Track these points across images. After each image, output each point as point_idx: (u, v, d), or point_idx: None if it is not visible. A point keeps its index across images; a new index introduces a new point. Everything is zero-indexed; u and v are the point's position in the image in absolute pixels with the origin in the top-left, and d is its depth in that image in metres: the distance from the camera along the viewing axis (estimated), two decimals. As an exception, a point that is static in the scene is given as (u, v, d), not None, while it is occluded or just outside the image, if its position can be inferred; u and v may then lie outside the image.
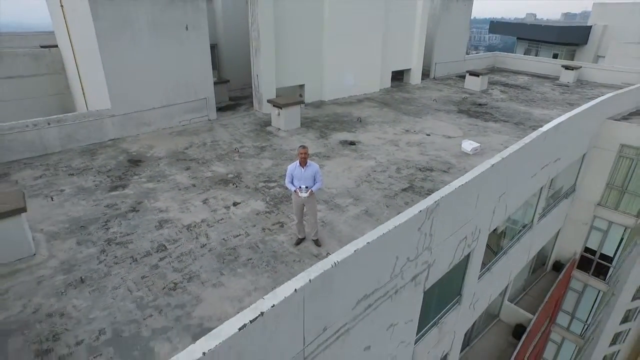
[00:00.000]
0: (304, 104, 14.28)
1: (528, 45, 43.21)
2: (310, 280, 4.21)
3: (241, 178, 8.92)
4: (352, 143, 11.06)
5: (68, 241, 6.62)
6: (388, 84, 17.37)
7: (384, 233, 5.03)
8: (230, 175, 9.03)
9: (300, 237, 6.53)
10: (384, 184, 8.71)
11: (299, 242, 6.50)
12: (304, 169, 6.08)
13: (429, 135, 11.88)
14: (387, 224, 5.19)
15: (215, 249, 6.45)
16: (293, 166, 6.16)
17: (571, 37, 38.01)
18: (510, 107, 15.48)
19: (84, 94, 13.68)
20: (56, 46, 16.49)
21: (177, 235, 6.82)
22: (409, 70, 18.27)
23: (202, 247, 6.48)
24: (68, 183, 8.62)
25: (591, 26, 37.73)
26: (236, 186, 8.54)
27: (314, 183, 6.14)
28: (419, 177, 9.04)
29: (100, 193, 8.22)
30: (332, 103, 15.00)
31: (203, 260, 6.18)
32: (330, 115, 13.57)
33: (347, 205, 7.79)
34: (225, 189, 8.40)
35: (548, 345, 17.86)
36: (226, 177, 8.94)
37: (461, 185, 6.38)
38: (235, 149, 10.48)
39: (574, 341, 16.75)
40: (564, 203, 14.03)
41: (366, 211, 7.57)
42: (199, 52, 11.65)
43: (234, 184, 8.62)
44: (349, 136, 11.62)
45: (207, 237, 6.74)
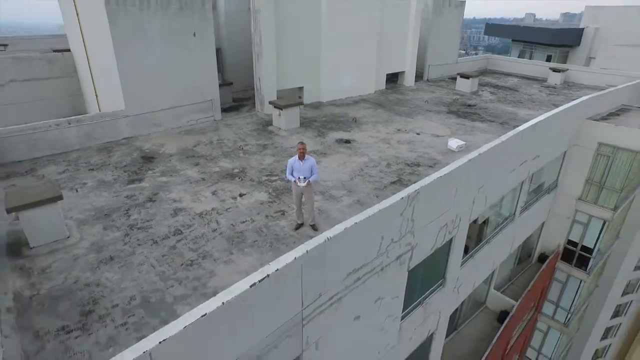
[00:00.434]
0: (303, 105, 15.20)
1: (523, 47, 44.10)
2: (307, 251, 5.13)
3: (246, 172, 9.85)
4: (347, 141, 11.99)
5: (95, 226, 7.54)
6: (383, 85, 18.30)
7: (369, 215, 5.97)
8: (236, 170, 9.96)
9: (299, 223, 7.46)
10: (375, 177, 9.65)
11: (298, 227, 7.43)
12: (302, 162, 7.02)
13: (419, 134, 12.81)
14: (373, 208, 6.13)
15: (225, 232, 7.38)
16: (293, 160, 7.10)
17: (564, 39, 38.94)
18: (498, 108, 16.41)
19: (96, 96, 14.59)
20: (68, 50, 17.42)
21: (191, 221, 7.74)
22: (403, 72, 19.20)
23: (213, 232, 7.41)
24: (89, 177, 9.54)
25: (583, 28, 38.61)
26: (241, 180, 9.47)
27: (311, 174, 7.07)
28: (407, 172, 9.97)
29: (119, 186, 9.15)
30: (330, 104, 15.93)
31: (215, 242, 7.11)
32: (328, 116, 14.50)
33: (341, 196, 8.72)
34: (232, 182, 9.33)
35: (535, 333, 18.78)
36: (232, 172, 9.87)
37: (440, 177, 7.31)
38: (239, 147, 11.40)
39: (558, 329, 17.68)
40: (547, 198, 14.96)
41: (358, 201, 8.50)
42: (205, 58, 12.58)
43: (239, 178, 9.54)
44: (345, 135, 12.55)
45: (218, 223, 7.67)
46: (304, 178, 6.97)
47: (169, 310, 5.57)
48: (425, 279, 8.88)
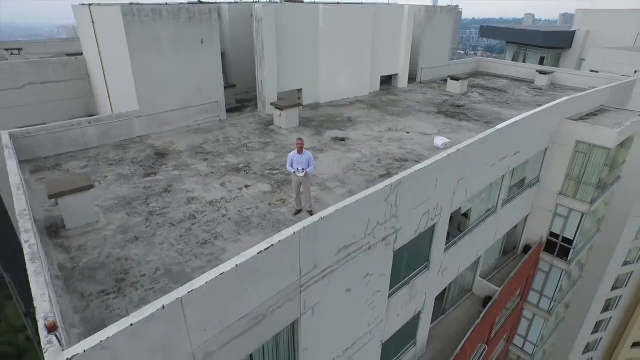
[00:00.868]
0: (302, 105, 16.27)
1: (517, 48, 45.20)
2: (304, 227, 6.22)
3: (250, 167, 10.93)
4: (342, 139, 13.08)
5: (119, 213, 8.62)
6: (377, 87, 19.38)
7: (357, 200, 7.05)
8: (241, 165, 11.04)
9: (297, 209, 8.54)
10: (366, 171, 10.73)
11: (296, 212, 8.51)
12: (300, 155, 8.10)
13: (408, 132, 13.90)
14: (360, 193, 7.21)
15: (233, 217, 8.46)
16: (292, 153, 8.18)
17: (556, 41, 40.07)
18: (485, 108, 17.50)
19: (109, 97, 15.65)
20: (80, 53, 18.51)
21: (203, 208, 8.82)
22: (396, 74, 20.28)
23: (223, 217, 8.49)
24: (109, 171, 10.62)
25: (575, 31, 39.69)
26: (246, 173, 10.55)
27: (308, 166, 8.16)
28: (395, 166, 11.06)
29: (137, 178, 10.22)
30: (327, 105, 17.01)
31: (224, 225, 8.19)
32: (325, 116, 15.58)
33: (335, 187, 9.81)
34: (238, 175, 10.41)
35: (522, 321, 19.85)
36: (238, 166, 10.95)
37: (419, 169, 8.40)
38: (243, 144, 12.48)
39: (542, 316, 18.75)
40: (530, 192, 16.04)
41: (350, 191, 9.57)
42: (211, 62, 13.66)
43: (244, 171, 10.63)
44: (340, 133, 13.63)
45: (226, 210, 8.75)
46: (302, 169, 8.06)
47: (188, 278, 6.61)
48: (410, 260, 9.96)
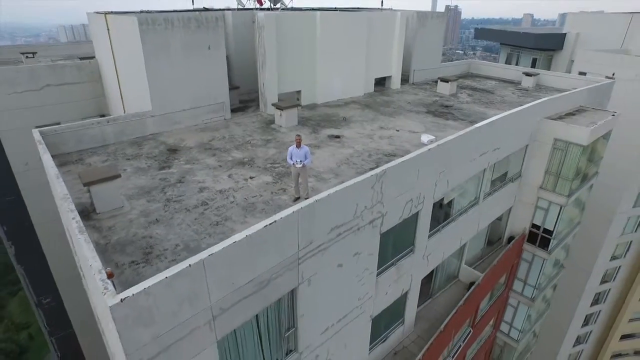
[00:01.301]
0: (301, 106, 17.51)
1: (510, 50, 46.47)
2: (301, 208, 7.48)
3: (254, 161, 12.18)
4: (337, 137, 14.33)
5: (140, 200, 9.87)
6: (371, 88, 20.63)
7: (347, 186, 8.31)
8: (246, 159, 12.29)
9: (296, 196, 9.79)
10: (357, 165, 11.98)
11: (295, 200, 9.76)
12: (299, 149, 9.35)
13: (398, 131, 15.15)
14: (350, 181, 8.47)
15: (240, 204, 9.71)
16: (292, 148, 9.44)
17: (547, 44, 41.29)
18: (471, 109, 18.75)
19: (122, 98, 16.89)
20: (91, 57, 19.77)
21: (213, 196, 10.07)
22: (389, 77, 21.52)
23: (231, 203, 9.74)
24: (127, 165, 11.86)
25: (566, 33, 40.91)
26: (251, 166, 11.80)
27: (305, 159, 9.40)
28: (384, 160, 12.30)
29: (153, 171, 11.47)
30: (324, 105, 18.25)
31: (233, 210, 9.44)
32: (322, 115, 16.83)
33: (330, 178, 11.05)
34: (243, 168, 11.66)
35: (508, 309, 21.11)
36: (243, 161, 12.20)
37: (403, 161, 9.66)
38: (247, 141, 13.73)
39: (526, 304, 20.00)
40: (512, 186, 17.30)
41: (342, 182, 10.78)
42: (217, 67, 14.89)
43: (249, 165, 11.88)
44: (335, 131, 14.89)
45: (234, 197, 10.00)
46: (300, 161, 9.31)
47: (204, 252, 7.88)
48: (396, 243, 11.22)
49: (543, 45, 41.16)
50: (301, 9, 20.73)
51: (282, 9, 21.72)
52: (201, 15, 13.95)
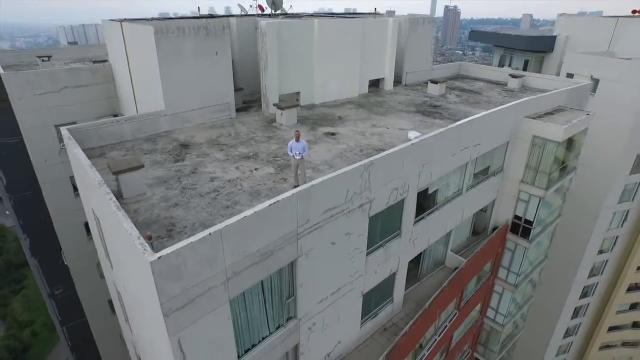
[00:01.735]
0: (300, 106, 18.95)
1: (504, 52, 47.94)
2: (300, 191, 8.94)
3: (258, 155, 13.64)
4: (333, 134, 15.79)
5: (160, 188, 11.33)
6: (366, 90, 22.09)
7: (338, 174, 9.78)
8: (250, 154, 13.75)
9: (295, 185, 11.22)
10: (350, 158, 13.44)
11: (295, 187, 11.19)
12: (298, 143, 10.82)
13: (388, 128, 16.62)
14: (341, 169, 9.93)
15: (247, 190, 11.17)
16: (292, 142, 10.90)
17: (538, 46, 42.73)
18: (458, 109, 20.21)
19: (135, 99, 18.34)
20: (106, 61, 21.23)
21: (223, 185, 11.53)
22: (383, 78, 22.97)
23: (239, 190, 11.20)
24: (145, 159, 13.30)
25: (556, 36, 42.34)
26: (255, 160, 13.26)
27: (303, 151, 10.87)
28: (374, 155, 13.73)
29: (168, 164, 12.93)
30: (321, 105, 19.71)
31: (241, 195, 10.90)
32: (319, 115, 18.29)
33: (325, 170, 12.51)
34: (248, 161, 13.12)
35: (494, 296, 22.57)
36: (248, 155, 13.66)
37: (388, 154, 11.12)
38: (251, 138, 15.20)
39: (510, 290, 21.46)
40: (495, 179, 18.75)
41: (336, 172, 12.27)
42: (224, 70, 16.34)
43: (253, 158, 13.34)
44: (331, 129, 16.35)
45: (242, 186, 11.46)
46: (299, 153, 10.77)
47: (218, 229, 9.34)
48: (384, 227, 12.68)
49: (534, 47, 42.59)
50: (300, 16, 22.19)
51: (282, 14, 23.18)
52: (209, 24, 15.41)
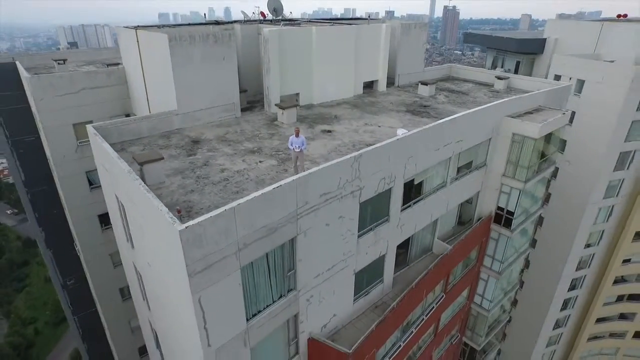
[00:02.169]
0: (299, 106, 20.59)
1: (496, 54, 49.61)
2: (299, 177, 10.60)
3: (262, 150, 15.30)
4: (329, 131, 17.45)
5: (177, 177, 12.98)
6: (360, 91, 23.75)
7: (332, 164, 11.44)
8: (255, 148, 15.41)
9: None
10: (343, 152, 15.10)
11: (295, 176, 12.87)
12: (297, 138, 12.48)
13: (380, 126, 18.28)
14: (334, 161, 11.59)
15: (253, 179, 12.82)
16: (292, 137, 12.57)
17: (529, 48, 44.32)
18: (445, 108, 21.86)
19: (148, 99, 19.98)
20: (119, 64, 22.88)
21: (232, 175, 13.19)
22: (376, 80, 24.64)
23: (246, 179, 12.86)
24: (162, 153, 14.94)
25: (546, 39, 43.94)
26: (259, 154, 14.92)
27: (303, 145, 12.53)
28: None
29: (182, 157, 14.58)
30: (319, 105, 21.37)
31: (248, 183, 12.56)
32: (317, 114, 19.95)
33: (321, 162, 14.16)
34: (254, 155, 14.78)
35: (480, 283, 24.23)
36: (253, 149, 15.31)
37: (375, 148, 12.78)
38: (255, 135, 16.86)
39: (494, 277, 23.11)
40: (478, 172, 20.40)
41: (331, 164, 13.93)
42: (230, 73, 17.99)
43: (258, 153, 15.00)
44: (327, 127, 18.01)
45: (248, 175, 13.12)
46: (298, 147, 12.44)
47: (229, 210, 11.00)
48: (373, 212, 14.34)
49: (525, 49, 44.16)
50: (299, 22, 23.85)
51: (283, 19, 24.83)
52: (218, 33, 17.07)
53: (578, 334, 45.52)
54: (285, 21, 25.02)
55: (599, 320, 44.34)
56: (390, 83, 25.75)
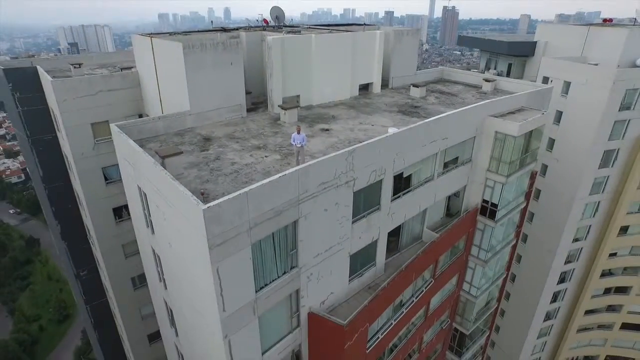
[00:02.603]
0: (300, 107, 22.40)
1: (489, 56, 51.42)
2: (301, 168, 12.42)
3: (267, 146, 17.11)
4: (327, 130, 19.27)
5: (193, 170, 14.80)
6: (356, 93, 25.56)
7: (329, 157, 13.26)
8: (261, 145, 17.22)
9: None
10: (340, 148, 16.89)
11: (296, 169, 14.69)
12: (298, 135, 14.31)
13: (373, 125, 20.10)
14: (330, 155, 13.41)
15: (260, 171, 14.64)
16: (294, 134, 14.40)
17: (520, 51, 46.10)
18: (435, 109, 23.68)
19: (161, 101, 21.79)
20: (132, 67, 24.69)
21: (241, 167, 15.00)
22: (372, 83, 26.46)
23: (254, 171, 14.67)
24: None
25: (536, 42, 45.69)
26: (265, 149, 16.74)
27: (303, 141, 14.35)
28: (359, 145, 17.23)
29: (196, 153, 16.39)
30: (317, 106, 23.19)
31: (256, 175, 14.37)
32: (316, 114, 21.77)
33: (320, 157, 15.96)
34: (259, 150, 16.60)
35: (468, 271, 26.04)
36: (259, 146, 17.13)
37: (367, 143, 14.60)
38: (261, 133, 18.68)
39: (480, 265, 24.92)
40: (464, 168, 22.21)
41: (329, 158, 15.75)
42: (237, 77, 19.80)
43: (263, 149, 16.82)
44: (325, 126, 19.83)
45: (256, 168, 14.94)
46: (299, 143, 14.26)
47: (240, 197, 12.82)
48: (366, 201, 16.16)
49: (516, 52, 45.94)
50: (299, 29, 25.67)
51: (284, 26, 26.65)
52: (226, 40, 18.88)
53: (568, 326, 47.29)
54: (287, 27, 26.85)
55: (588, 312, 46.12)
56: (384, 85, 27.57)
